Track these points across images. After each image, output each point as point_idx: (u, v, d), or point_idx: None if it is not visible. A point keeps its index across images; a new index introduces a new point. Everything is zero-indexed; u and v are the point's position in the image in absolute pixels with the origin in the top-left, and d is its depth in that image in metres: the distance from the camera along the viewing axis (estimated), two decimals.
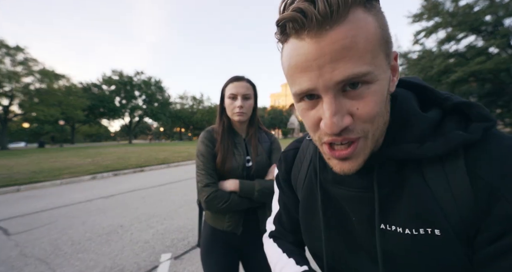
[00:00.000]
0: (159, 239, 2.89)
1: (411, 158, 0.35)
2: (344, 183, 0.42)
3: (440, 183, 0.34)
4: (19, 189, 5.97)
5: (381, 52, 0.30)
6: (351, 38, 0.28)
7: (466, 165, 0.32)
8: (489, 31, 12.86)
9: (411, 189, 0.36)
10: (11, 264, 2.40)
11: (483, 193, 0.31)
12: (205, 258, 1.09)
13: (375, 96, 0.31)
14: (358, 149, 0.33)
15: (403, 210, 0.36)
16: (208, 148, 1.07)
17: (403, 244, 0.36)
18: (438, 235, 0.33)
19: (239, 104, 1.04)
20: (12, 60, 22.13)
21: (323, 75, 0.29)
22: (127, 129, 42.99)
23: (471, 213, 0.32)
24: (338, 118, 0.30)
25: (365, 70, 0.29)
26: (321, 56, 0.29)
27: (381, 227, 0.38)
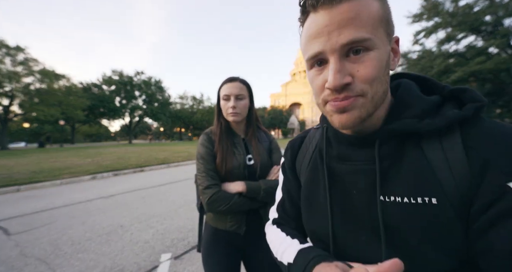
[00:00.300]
0: (159, 239, 2.89)
1: (411, 131, 0.39)
2: (347, 158, 0.46)
3: (438, 156, 0.37)
4: (19, 189, 5.97)
5: (380, 27, 0.37)
6: (356, 11, 0.35)
7: (462, 139, 0.36)
8: (489, 31, 12.87)
9: (411, 161, 0.39)
10: (11, 264, 2.40)
11: (476, 164, 0.34)
12: (206, 258, 1.09)
13: (374, 61, 0.36)
14: (355, 102, 0.37)
15: (402, 181, 0.39)
16: (207, 150, 1.08)
17: (402, 213, 0.38)
18: (435, 204, 0.36)
19: (232, 105, 1.05)
20: (13, 60, 22.14)
21: (331, 39, 0.36)
22: (127, 129, 42.98)
23: (466, 183, 0.34)
24: (340, 76, 0.36)
25: (365, 36, 0.35)
26: (331, 23, 0.35)
27: (380, 198, 0.40)
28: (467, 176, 0.34)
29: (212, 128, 1.16)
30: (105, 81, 35.53)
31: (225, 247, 1.09)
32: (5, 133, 22.69)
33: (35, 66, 23.71)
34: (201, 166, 1.06)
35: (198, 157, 1.09)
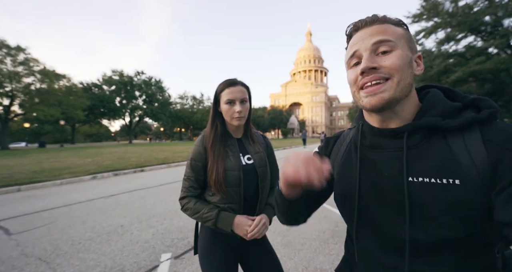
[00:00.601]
0: (159, 239, 2.91)
1: (433, 126, 0.48)
2: (379, 147, 0.55)
3: (460, 146, 0.45)
4: (19, 189, 5.98)
5: (403, 40, 0.50)
6: (384, 28, 0.49)
7: (481, 135, 0.45)
8: (488, 31, 12.86)
9: (436, 150, 0.47)
10: (12, 264, 2.41)
11: (493, 151, 0.42)
12: (204, 259, 1.08)
13: (397, 56, 0.47)
14: (383, 87, 0.47)
15: (429, 165, 0.47)
16: (200, 155, 1.09)
17: (428, 191, 0.45)
18: (458, 184, 0.43)
19: (239, 109, 1.05)
20: (13, 60, 22.15)
21: (364, 42, 0.50)
22: (127, 129, 42.97)
23: (486, 168, 0.42)
24: (370, 61, 0.48)
25: (389, 38, 0.48)
26: (364, 35, 0.50)
27: (409, 179, 0.48)
28: (486, 163, 0.42)
29: (205, 131, 1.15)
30: (105, 81, 35.54)
31: (223, 248, 1.09)
32: (5, 133, 22.70)
33: (36, 66, 23.72)
34: (188, 171, 1.12)
35: (189, 157, 1.11)
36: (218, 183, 1.04)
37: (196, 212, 1.05)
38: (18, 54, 22.37)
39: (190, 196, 1.10)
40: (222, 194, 1.05)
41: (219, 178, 1.03)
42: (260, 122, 54.73)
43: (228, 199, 1.06)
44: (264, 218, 1.05)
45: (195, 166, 1.09)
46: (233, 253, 1.10)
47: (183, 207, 1.10)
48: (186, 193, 1.10)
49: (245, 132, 1.19)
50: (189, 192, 1.10)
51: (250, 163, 1.11)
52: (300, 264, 2.29)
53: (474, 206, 0.42)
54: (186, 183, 1.11)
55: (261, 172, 1.12)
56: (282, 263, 1.18)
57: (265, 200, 1.16)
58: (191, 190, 1.10)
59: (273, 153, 1.28)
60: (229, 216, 1.02)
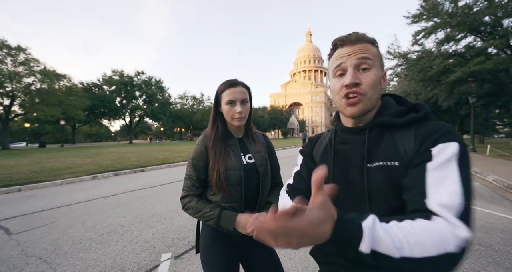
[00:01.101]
0: (159, 239, 2.92)
1: (387, 124, 0.64)
2: (347, 141, 0.70)
3: (400, 138, 0.61)
4: (20, 188, 6.00)
5: (377, 58, 0.63)
6: (365, 48, 0.62)
7: (415, 130, 0.60)
8: (488, 31, 12.86)
9: (386, 141, 0.63)
10: (12, 264, 2.42)
11: (418, 141, 0.58)
12: (205, 257, 1.09)
13: (373, 75, 0.61)
14: (361, 99, 0.61)
15: (380, 153, 0.62)
16: (201, 154, 1.10)
17: (379, 172, 0.60)
18: (397, 165, 0.58)
19: (239, 110, 1.06)
20: (13, 60, 22.17)
21: (350, 57, 0.62)
22: (127, 129, 42.96)
23: (414, 154, 0.57)
24: (354, 77, 0.61)
25: (369, 56, 0.61)
26: (351, 52, 0.62)
27: (368, 165, 0.62)
28: (414, 150, 0.57)
29: (206, 131, 1.16)
30: (106, 81, 35.55)
31: (224, 247, 1.09)
32: (6, 133, 22.71)
33: (36, 66, 23.74)
34: (189, 170, 1.12)
35: (191, 156, 1.12)
36: (219, 182, 1.05)
37: (198, 211, 1.06)
38: (19, 54, 22.39)
39: (192, 195, 1.10)
40: (223, 193, 1.06)
41: (220, 177, 1.04)
42: (260, 122, 54.72)
43: (229, 198, 1.07)
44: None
45: (196, 165, 1.10)
46: (234, 252, 1.11)
47: (184, 206, 1.10)
48: (188, 192, 1.11)
49: (246, 132, 1.21)
50: (191, 191, 1.11)
51: (251, 162, 1.13)
52: (300, 264, 2.30)
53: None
54: (188, 182, 1.11)
55: (262, 171, 1.13)
56: (282, 263, 1.19)
57: (266, 198, 1.17)
58: (193, 189, 1.11)
59: (274, 152, 1.29)
60: (232, 215, 1.02)
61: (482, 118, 25.69)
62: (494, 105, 21.25)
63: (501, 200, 4.53)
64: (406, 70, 16.28)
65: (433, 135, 0.56)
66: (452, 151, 0.51)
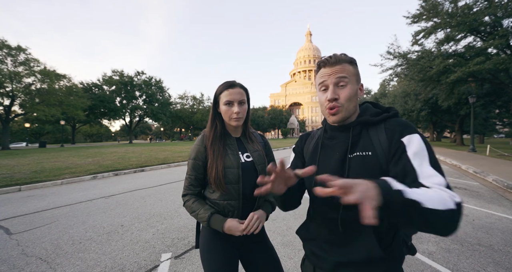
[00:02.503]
0: (159, 239, 2.92)
1: (367, 122, 0.80)
2: (335, 137, 0.86)
3: (374, 133, 0.78)
4: (20, 188, 6.00)
5: (353, 77, 0.79)
6: (342, 68, 0.78)
7: (384, 126, 0.78)
8: (488, 31, 12.86)
9: (363, 137, 0.80)
10: (13, 264, 2.43)
11: (388, 134, 0.75)
12: (205, 255, 1.11)
13: (349, 90, 0.78)
14: (339, 111, 0.79)
15: (359, 145, 0.78)
16: (200, 153, 1.13)
17: (357, 161, 0.76)
18: (370, 154, 0.75)
19: (237, 110, 1.10)
20: (14, 60, 22.17)
21: (331, 77, 0.78)
22: (127, 129, 42.96)
23: (385, 144, 0.74)
24: (333, 94, 0.78)
25: (346, 75, 0.78)
26: (332, 72, 0.78)
27: (349, 156, 0.79)
28: (385, 141, 0.74)
29: (205, 131, 1.19)
30: (106, 81, 35.52)
31: (223, 244, 1.11)
32: (6, 133, 22.71)
33: (36, 66, 23.74)
34: (189, 170, 1.16)
35: (190, 156, 1.16)
36: (218, 180, 1.08)
37: (193, 211, 1.12)
38: (19, 54, 22.38)
39: (190, 194, 1.16)
40: (221, 191, 1.09)
41: (218, 175, 1.08)
42: (260, 122, 54.72)
43: (228, 195, 1.10)
44: (257, 214, 1.09)
45: (195, 164, 1.13)
46: (233, 250, 1.13)
47: (184, 204, 1.16)
48: (187, 191, 1.16)
49: (244, 132, 1.24)
50: (189, 190, 1.16)
51: (249, 161, 1.16)
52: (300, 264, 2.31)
53: (380, 167, 0.72)
54: (187, 182, 1.16)
55: (260, 169, 1.16)
56: (282, 263, 1.20)
57: (264, 196, 1.20)
58: (191, 188, 1.16)
59: (271, 151, 1.33)
60: (220, 220, 1.06)
61: (482, 118, 25.69)
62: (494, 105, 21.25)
63: (501, 200, 4.53)
64: (406, 70, 16.28)
65: (398, 127, 0.74)
66: (417, 140, 0.69)
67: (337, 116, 0.78)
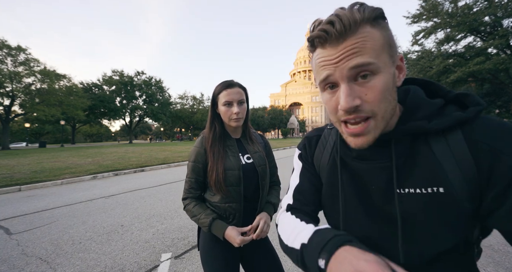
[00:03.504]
0: (159, 239, 2.92)
1: (422, 131, 0.44)
2: (366, 157, 0.50)
3: (444, 152, 0.43)
4: (20, 188, 6.00)
5: (383, 53, 0.41)
6: (360, 44, 0.39)
7: (464, 136, 0.42)
8: (488, 31, 12.86)
9: (421, 158, 0.45)
10: (13, 264, 2.42)
11: (482, 153, 0.40)
12: (205, 257, 1.10)
13: (380, 85, 0.40)
14: (369, 127, 0.43)
15: (415, 175, 0.44)
16: (200, 156, 1.11)
17: (415, 202, 0.43)
18: (442, 192, 0.41)
19: (236, 111, 1.07)
20: (14, 60, 22.17)
21: (339, 66, 0.40)
22: (127, 129, 42.97)
23: (472, 173, 0.40)
24: (350, 99, 0.40)
25: (370, 60, 0.39)
26: (339, 55, 0.40)
27: (398, 191, 0.45)
28: (472, 166, 0.40)
29: (204, 132, 1.17)
30: (106, 81, 35.54)
31: (224, 246, 1.10)
32: (6, 133, 22.71)
33: (36, 66, 23.75)
34: (189, 173, 1.14)
35: (190, 159, 1.13)
36: (218, 182, 1.06)
37: (193, 216, 1.09)
38: (19, 54, 22.39)
39: (191, 197, 1.14)
40: (222, 193, 1.07)
41: (219, 177, 1.05)
42: (260, 122, 54.71)
43: (229, 198, 1.08)
44: (264, 217, 1.08)
45: (195, 167, 1.11)
46: (234, 251, 1.12)
47: (184, 207, 1.14)
48: (187, 195, 1.14)
49: (244, 133, 1.22)
50: (189, 194, 1.14)
51: (249, 162, 1.13)
52: None
53: (462, 214, 0.40)
54: (187, 185, 1.14)
55: (261, 171, 1.14)
56: (282, 263, 1.19)
57: (265, 198, 1.18)
58: (192, 192, 1.14)
59: (271, 151, 1.31)
60: (222, 227, 1.04)
61: None
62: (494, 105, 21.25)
63: None
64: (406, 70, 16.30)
65: (497, 140, 0.39)
66: None
67: (364, 137, 0.43)
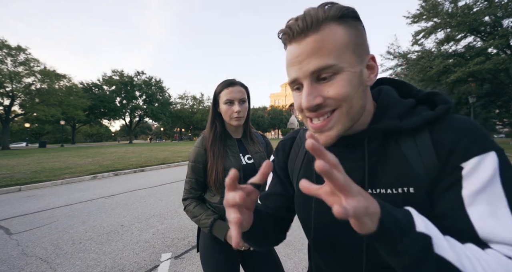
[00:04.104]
0: (159, 239, 2.92)
1: (394, 129, 0.44)
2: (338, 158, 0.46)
3: (413, 152, 0.43)
4: (20, 188, 6.00)
5: (347, 52, 0.40)
6: (320, 42, 0.39)
7: (430, 136, 0.42)
8: (488, 31, 12.87)
9: (392, 157, 0.45)
10: (13, 264, 2.43)
11: (443, 155, 0.40)
12: (205, 258, 1.10)
13: (343, 82, 0.40)
14: (331, 122, 0.42)
15: (386, 175, 0.44)
16: (200, 156, 1.10)
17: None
18: (413, 193, 0.41)
19: (238, 109, 1.06)
20: (13, 60, 22.18)
21: (302, 68, 0.41)
22: (127, 129, 42.98)
23: (436, 172, 0.41)
24: (311, 98, 0.41)
25: (331, 62, 0.39)
26: (300, 54, 0.40)
27: (368, 191, 0.44)
28: (436, 166, 0.41)
29: (205, 132, 1.16)
30: (106, 81, 35.56)
31: (224, 247, 1.09)
32: (6, 133, 22.70)
33: (36, 66, 23.76)
34: (189, 173, 1.13)
35: (190, 160, 1.13)
36: (218, 183, 1.05)
37: (194, 216, 1.09)
38: (19, 54, 22.40)
39: (191, 198, 1.13)
40: (222, 194, 1.07)
41: (218, 177, 1.05)
42: (260, 122, 54.70)
43: None
44: None
45: (195, 167, 1.11)
46: (234, 252, 1.11)
47: (184, 208, 1.14)
48: (187, 195, 1.14)
49: (245, 133, 1.21)
50: (190, 194, 1.13)
51: (250, 163, 1.13)
52: (300, 264, 2.31)
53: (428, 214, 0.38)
54: (187, 185, 1.14)
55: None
56: (282, 263, 1.19)
57: None
58: (192, 192, 1.13)
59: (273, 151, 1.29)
60: (224, 227, 1.03)
61: (482, 118, 25.72)
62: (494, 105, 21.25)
63: None
64: (406, 70, 16.30)
65: (460, 143, 0.39)
66: (491, 167, 0.37)
67: (328, 133, 0.42)
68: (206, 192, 1.15)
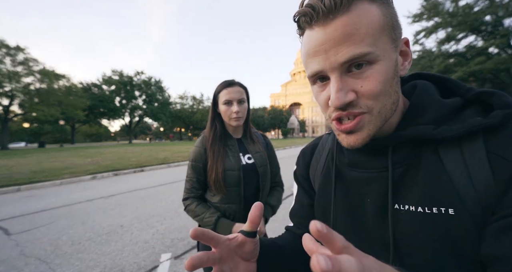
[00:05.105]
0: (159, 239, 2.90)
1: (425, 138, 0.36)
2: (359, 165, 0.43)
3: (457, 165, 0.34)
4: (19, 189, 5.97)
5: (383, 36, 0.34)
6: (352, 25, 0.32)
7: (486, 148, 0.33)
8: (489, 31, 12.87)
9: (427, 168, 0.36)
10: (11, 264, 2.41)
11: (504, 174, 0.31)
12: None
13: (379, 75, 0.33)
14: (361, 123, 0.36)
15: (417, 190, 0.36)
16: (200, 155, 1.10)
17: (414, 222, 0.35)
18: (452, 215, 0.33)
19: (236, 109, 1.06)
20: (12, 60, 22.17)
21: (329, 58, 0.34)
22: (127, 129, 43.01)
23: (489, 194, 0.31)
24: (342, 94, 0.34)
25: (366, 50, 0.32)
26: (327, 41, 0.33)
27: (395, 207, 0.38)
28: (491, 186, 0.31)
29: (205, 132, 1.16)
30: (105, 81, 35.58)
31: None
32: (5, 133, 22.70)
33: (35, 66, 23.76)
34: (190, 173, 1.12)
35: (191, 160, 1.12)
36: (218, 183, 1.05)
37: (197, 215, 1.07)
38: (18, 54, 22.39)
39: (192, 197, 1.12)
40: (221, 194, 1.06)
41: (218, 177, 1.05)
42: (260, 122, 54.75)
43: (228, 199, 1.07)
44: None
45: (195, 167, 1.10)
46: None
47: (185, 208, 1.12)
48: (188, 195, 1.12)
49: (245, 132, 1.21)
50: (191, 193, 1.12)
51: (250, 163, 1.12)
52: None
53: (474, 242, 0.31)
54: (188, 185, 1.13)
55: (262, 172, 1.12)
56: None
57: (265, 199, 1.17)
58: (193, 191, 1.12)
59: (273, 152, 1.29)
60: (228, 224, 1.02)
61: None
62: None
63: None
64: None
65: None
66: None
67: (357, 134, 0.37)
68: (206, 192, 1.15)
